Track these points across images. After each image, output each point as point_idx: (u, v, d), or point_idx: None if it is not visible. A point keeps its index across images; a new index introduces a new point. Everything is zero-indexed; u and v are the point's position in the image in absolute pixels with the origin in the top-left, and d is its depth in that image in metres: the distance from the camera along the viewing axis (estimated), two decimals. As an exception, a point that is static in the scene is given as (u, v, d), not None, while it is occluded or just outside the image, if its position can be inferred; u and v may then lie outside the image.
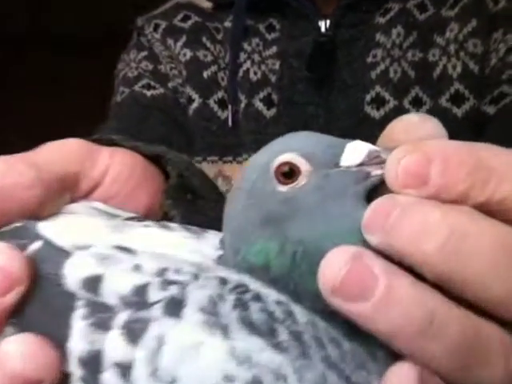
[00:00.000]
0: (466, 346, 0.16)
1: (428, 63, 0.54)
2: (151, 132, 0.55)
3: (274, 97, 0.55)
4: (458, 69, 0.53)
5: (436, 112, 0.52)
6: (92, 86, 3.04)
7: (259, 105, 0.56)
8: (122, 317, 0.18)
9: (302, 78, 0.55)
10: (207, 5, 0.61)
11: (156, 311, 0.18)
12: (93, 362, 0.18)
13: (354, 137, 0.54)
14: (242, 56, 0.57)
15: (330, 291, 0.16)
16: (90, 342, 0.18)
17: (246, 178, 0.21)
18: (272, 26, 0.58)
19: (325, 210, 0.19)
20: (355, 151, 0.20)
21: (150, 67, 0.60)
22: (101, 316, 0.18)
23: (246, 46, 0.58)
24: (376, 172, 0.19)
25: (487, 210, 0.17)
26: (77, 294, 0.19)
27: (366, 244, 0.17)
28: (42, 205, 0.23)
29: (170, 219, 0.28)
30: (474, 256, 0.16)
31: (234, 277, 0.19)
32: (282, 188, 0.20)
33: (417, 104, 0.53)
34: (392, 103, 0.53)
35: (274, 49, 0.57)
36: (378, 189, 0.19)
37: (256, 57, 0.57)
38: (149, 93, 0.58)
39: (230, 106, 0.56)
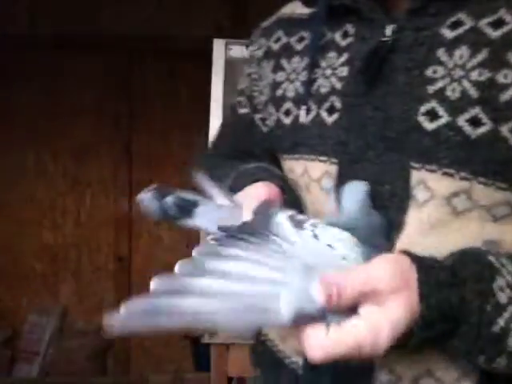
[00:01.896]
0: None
1: (496, 84, 0.50)
2: (230, 141, 0.77)
3: (337, 104, 0.58)
4: None
5: (495, 137, 0.50)
6: (92, 86, 3.05)
7: (324, 114, 0.59)
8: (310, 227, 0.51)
9: (361, 79, 0.56)
10: (302, 11, 0.65)
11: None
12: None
13: (403, 145, 0.55)
14: (319, 72, 0.60)
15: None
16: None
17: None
18: (346, 33, 0.60)
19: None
20: None
21: (248, 84, 0.71)
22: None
23: (322, 63, 0.60)
24: None
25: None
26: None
27: None
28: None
29: None
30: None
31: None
32: None
33: (474, 124, 0.51)
34: (445, 119, 0.52)
35: (346, 55, 0.58)
36: None
37: (328, 71, 0.60)
38: (240, 110, 0.73)
39: (303, 107, 0.60)
